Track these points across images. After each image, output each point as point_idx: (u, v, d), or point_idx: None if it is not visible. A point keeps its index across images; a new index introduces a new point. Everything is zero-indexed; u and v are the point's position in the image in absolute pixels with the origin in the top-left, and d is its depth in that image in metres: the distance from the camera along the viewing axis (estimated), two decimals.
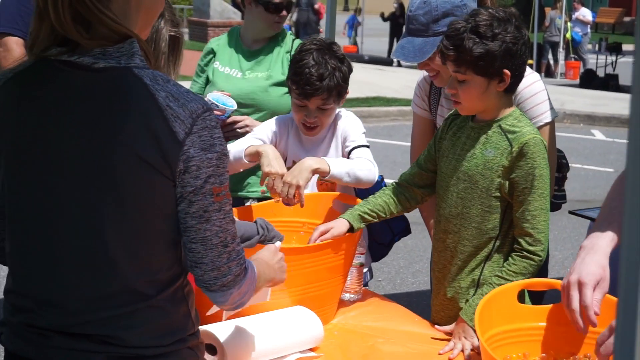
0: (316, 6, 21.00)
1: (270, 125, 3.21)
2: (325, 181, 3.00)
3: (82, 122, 1.61)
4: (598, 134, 12.29)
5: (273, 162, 2.84)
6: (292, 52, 3.60)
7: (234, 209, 2.91)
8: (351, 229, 2.72)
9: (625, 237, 0.95)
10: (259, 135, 3.15)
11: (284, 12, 3.69)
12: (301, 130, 3.13)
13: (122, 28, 1.60)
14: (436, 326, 2.69)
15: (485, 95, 2.53)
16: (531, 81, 2.82)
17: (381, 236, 3.19)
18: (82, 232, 1.63)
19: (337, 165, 2.87)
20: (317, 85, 2.96)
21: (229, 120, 3.45)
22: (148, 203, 1.62)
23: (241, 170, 3.11)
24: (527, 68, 2.81)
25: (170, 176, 1.60)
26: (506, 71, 2.49)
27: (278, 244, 2.27)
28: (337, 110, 3.21)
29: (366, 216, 2.76)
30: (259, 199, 3.56)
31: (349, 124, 3.16)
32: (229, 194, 1.68)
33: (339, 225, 2.71)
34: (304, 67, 2.98)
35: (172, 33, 2.41)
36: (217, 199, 1.64)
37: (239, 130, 3.46)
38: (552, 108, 2.87)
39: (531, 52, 17.66)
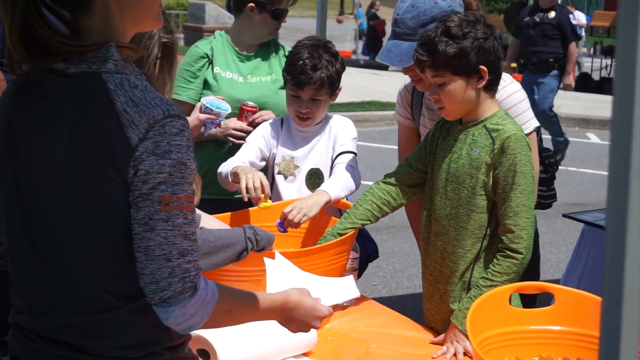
0: (372, 23, 21.24)
1: (261, 130, 3.30)
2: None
3: (46, 128, 1.61)
4: (593, 138, 12.29)
5: (247, 171, 2.96)
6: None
7: (225, 214, 2.95)
8: None
9: (609, 238, 0.96)
10: (253, 142, 3.24)
11: (285, 19, 3.71)
12: (295, 122, 3.22)
13: (78, 47, 1.59)
14: (431, 338, 2.69)
15: (467, 95, 2.57)
16: (512, 91, 2.83)
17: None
18: (50, 238, 1.64)
19: (334, 189, 2.99)
20: (310, 75, 3.10)
21: (251, 119, 3.50)
22: (105, 211, 1.59)
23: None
24: (508, 77, 2.81)
25: (122, 182, 1.56)
26: (483, 67, 2.53)
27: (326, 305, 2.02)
28: (332, 114, 3.26)
29: (347, 231, 2.78)
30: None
31: (342, 127, 3.24)
32: (185, 206, 1.59)
33: None
34: (298, 59, 3.13)
35: (165, 40, 2.41)
36: (165, 208, 1.56)
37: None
38: (533, 118, 2.87)
39: None
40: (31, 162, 1.64)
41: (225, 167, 3.12)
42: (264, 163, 3.25)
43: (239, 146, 3.33)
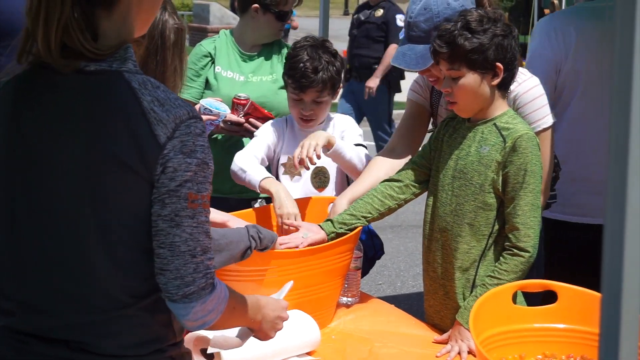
0: None
1: (268, 128, 3.29)
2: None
3: (67, 124, 1.62)
4: None
5: (284, 202, 2.90)
6: None
7: (234, 212, 2.95)
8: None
9: (608, 235, 0.96)
10: (264, 138, 3.23)
11: (289, 21, 3.73)
12: (299, 124, 3.22)
13: (103, 54, 1.62)
14: (435, 336, 2.69)
15: (480, 91, 2.56)
16: (531, 85, 2.81)
17: (366, 251, 3.19)
18: (64, 234, 1.63)
19: (341, 142, 3.02)
20: (312, 78, 3.08)
21: (253, 121, 3.51)
22: (127, 207, 1.61)
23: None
24: (526, 72, 2.81)
25: (148, 179, 1.59)
26: (499, 64, 2.53)
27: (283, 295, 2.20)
28: (334, 114, 3.27)
29: (346, 221, 2.77)
30: (268, 200, 3.60)
31: (347, 126, 3.27)
32: (206, 204, 1.65)
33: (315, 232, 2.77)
34: (298, 62, 3.11)
35: (176, 25, 2.40)
36: (191, 206, 1.61)
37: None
38: (550, 114, 2.86)
39: None
40: (43, 158, 1.63)
41: (250, 172, 3.06)
42: (266, 163, 3.24)
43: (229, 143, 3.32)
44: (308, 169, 2.93)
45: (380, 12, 7.99)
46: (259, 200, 3.61)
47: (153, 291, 1.67)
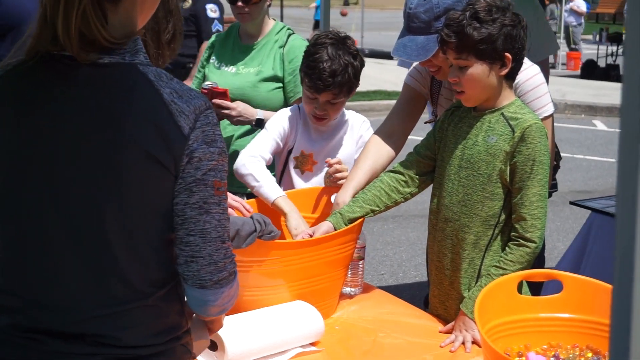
0: None
1: (280, 119, 3.21)
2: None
3: (86, 118, 1.60)
4: (600, 125, 12.26)
5: (299, 222, 2.86)
6: (287, 48, 3.60)
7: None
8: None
9: (619, 227, 0.95)
10: (274, 134, 3.15)
11: (240, 3, 3.58)
12: (311, 121, 3.18)
13: (117, 43, 1.62)
14: (439, 327, 2.68)
15: (488, 81, 2.55)
16: (532, 74, 2.81)
17: None
18: (84, 227, 1.61)
19: None
20: (329, 82, 3.02)
21: (216, 101, 3.44)
22: (151, 198, 1.62)
23: None
24: (527, 60, 2.80)
25: (174, 170, 1.61)
26: (507, 54, 2.52)
27: None
28: (348, 115, 3.25)
29: (356, 215, 2.76)
30: (249, 195, 3.56)
31: (364, 131, 3.24)
32: (227, 192, 1.69)
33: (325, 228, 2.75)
34: (317, 62, 3.02)
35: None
36: (217, 193, 1.65)
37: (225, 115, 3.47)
38: (551, 102, 2.85)
39: None
40: (60, 151, 1.60)
41: (261, 178, 2.97)
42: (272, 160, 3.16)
43: None
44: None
45: (188, 4, 6.87)
46: (239, 195, 3.55)
47: (169, 280, 1.68)
